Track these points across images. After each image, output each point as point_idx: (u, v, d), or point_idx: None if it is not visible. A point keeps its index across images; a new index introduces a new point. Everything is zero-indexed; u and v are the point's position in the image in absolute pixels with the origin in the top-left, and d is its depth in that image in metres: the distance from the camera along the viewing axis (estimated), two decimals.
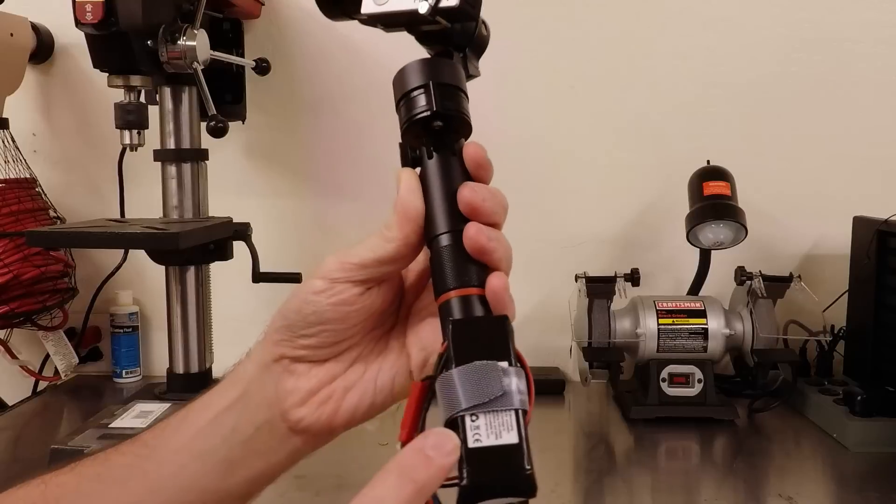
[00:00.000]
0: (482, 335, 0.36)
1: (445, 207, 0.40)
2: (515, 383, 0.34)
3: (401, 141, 0.42)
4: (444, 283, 0.39)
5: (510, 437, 0.33)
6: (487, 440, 0.33)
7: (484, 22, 0.46)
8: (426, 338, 0.44)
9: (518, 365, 0.35)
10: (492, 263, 0.39)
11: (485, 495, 0.33)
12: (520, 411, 0.34)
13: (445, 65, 0.42)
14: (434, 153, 0.41)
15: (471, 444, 0.33)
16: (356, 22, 0.47)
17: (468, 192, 0.39)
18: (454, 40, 0.44)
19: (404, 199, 0.40)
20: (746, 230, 1.10)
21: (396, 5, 0.42)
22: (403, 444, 0.34)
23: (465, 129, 0.42)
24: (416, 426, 0.35)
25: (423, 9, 0.41)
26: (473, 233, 0.38)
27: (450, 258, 0.39)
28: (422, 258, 0.43)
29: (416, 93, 0.41)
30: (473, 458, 0.33)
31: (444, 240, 0.40)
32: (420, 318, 0.45)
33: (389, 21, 0.44)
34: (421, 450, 0.32)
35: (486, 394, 0.34)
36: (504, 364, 0.35)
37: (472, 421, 0.33)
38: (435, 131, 0.41)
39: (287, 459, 0.45)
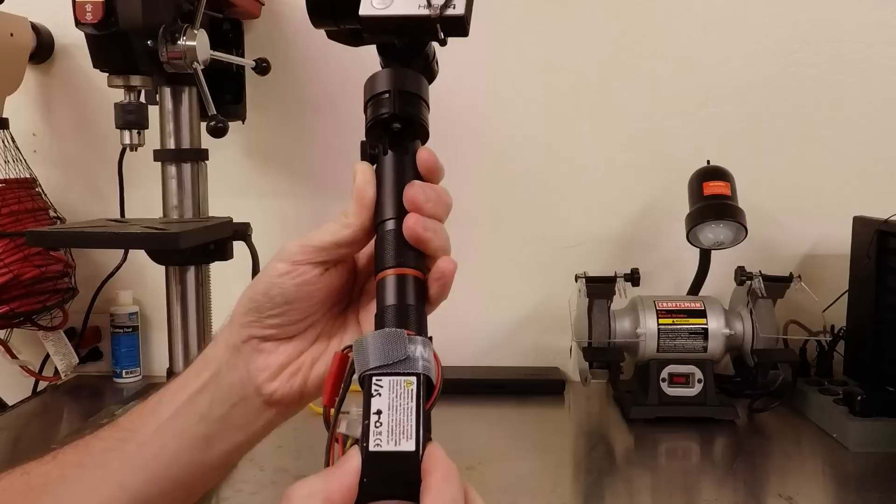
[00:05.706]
0: (405, 316, 0.41)
1: (392, 198, 0.45)
2: (420, 350, 0.38)
3: (363, 139, 0.47)
4: (383, 262, 0.43)
5: (408, 445, 0.34)
6: (387, 445, 0.34)
7: (436, 57, 0.49)
8: None
9: (429, 339, 0.39)
10: (428, 251, 0.43)
11: (376, 495, 0.34)
12: (421, 376, 0.36)
13: (410, 75, 0.46)
14: (389, 151, 0.46)
15: (371, 448, 0.34)
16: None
17: (412, 191, 0.44)
18: (413, 65, 0.47)
19: (360, 188, 0.45)
20: (746, 230, 1.10)
21: (401, 9, 0.45)
22: (326, 407, 0.39)
23: (422, 133, 0.46)
24: (336, 391, 0.39)
25: (432, 14, 0.44)
26: (412, 223, 0.43)
27: (391, 241, 0.44)
28: (373, 244, 0.47)
29: (381, 96, 0.45)
30: (370, 461, 0.34)
31: (389, 225, 0.44)
32: (371, 296, 0.49)
33: (385, 27, 0.45)
34: None
35: (391, 356, 0.37)
36: (412, 334, 0.38)
37: (376, 427, 0.34)
38: (394, 132, 0.45)
39: (263, 430, 0.48)
